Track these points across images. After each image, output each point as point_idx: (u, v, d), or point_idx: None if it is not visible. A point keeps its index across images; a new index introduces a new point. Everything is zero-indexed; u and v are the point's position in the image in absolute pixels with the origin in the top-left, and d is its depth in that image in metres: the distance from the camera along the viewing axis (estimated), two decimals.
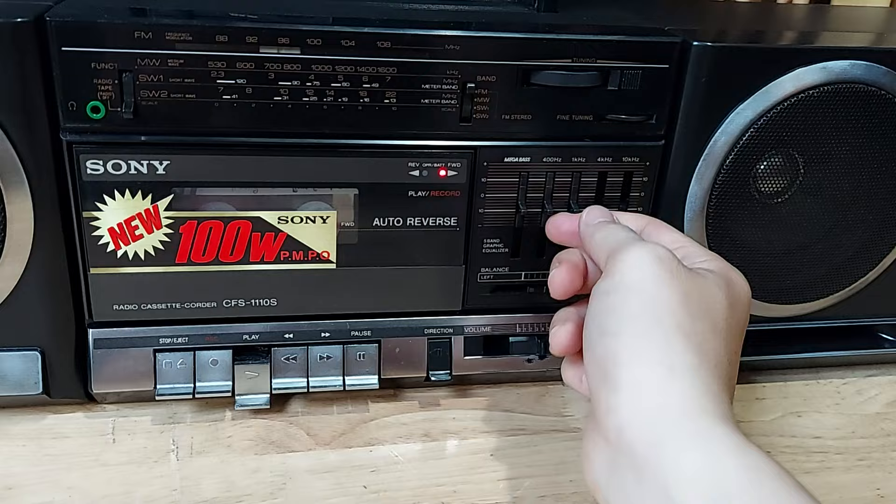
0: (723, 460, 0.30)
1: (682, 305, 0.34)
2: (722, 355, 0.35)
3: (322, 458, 0.45)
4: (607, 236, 0.40)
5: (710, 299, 0.36)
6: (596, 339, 0.35)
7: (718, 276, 0.38)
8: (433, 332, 0.50)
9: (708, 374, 0.33)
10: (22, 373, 0.45)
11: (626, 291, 0.35)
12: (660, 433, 0.31)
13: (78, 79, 0.40)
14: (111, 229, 0.43)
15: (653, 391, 0.32)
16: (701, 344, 0.34)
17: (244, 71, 0.41)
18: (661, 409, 0.32)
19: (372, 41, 0.42)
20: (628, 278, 0.36)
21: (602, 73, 0.45)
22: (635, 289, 0.35)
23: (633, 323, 0.34)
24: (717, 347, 0.35)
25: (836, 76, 0.47)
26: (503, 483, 0.45)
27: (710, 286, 0.36)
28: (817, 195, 0.50)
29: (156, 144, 0.42)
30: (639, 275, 0.35)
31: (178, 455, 0.45)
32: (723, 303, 0.36)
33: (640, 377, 0.33)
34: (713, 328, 0.35)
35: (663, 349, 0.33)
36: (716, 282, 0.37)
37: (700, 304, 0.35)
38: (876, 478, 0.47)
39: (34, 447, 0.45)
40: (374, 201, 0.46)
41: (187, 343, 0.46)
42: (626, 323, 0.34)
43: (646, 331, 0.34)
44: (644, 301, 0.35)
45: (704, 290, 0.36)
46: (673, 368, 0.33)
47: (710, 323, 0.35)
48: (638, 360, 0.33)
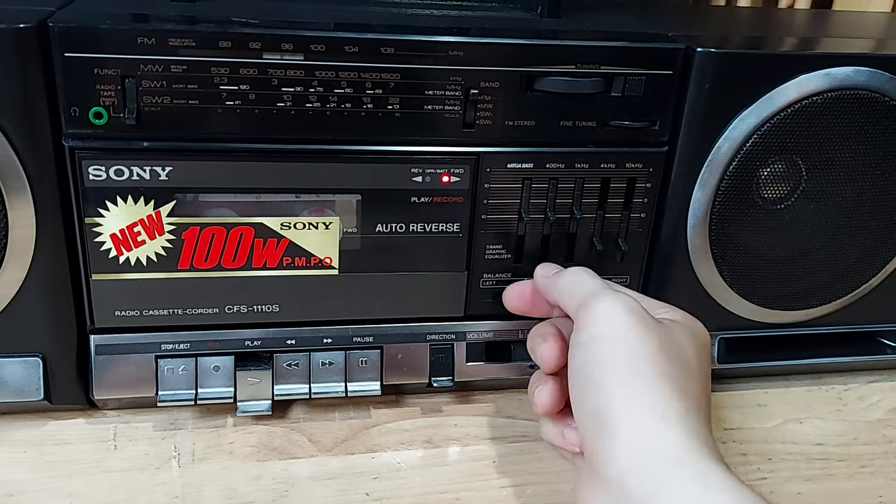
0: (717, 499, 0.31)
1: (661, 353, 0.36)
2: (700, 397, 0.37)
3: (324, 464, 0.45)
4: (574, 283, 0.41)
5: (681, 346, 0.38)
6: (585, 391, 0.36)
7: (681, 325, 0.40)
8: (435, 338, 0.50)
9: (695, 417, 0.35)
10: (23, 379, 0.45)
11: (605, 343, 0.37)
12: (658, 479, 0.32)
13: (80, 84, 0.40)
14: (113, 235, 0.43)
15: (649, 439, 0.33)
16: (684, 389, 0.35)
17: (247, 77, 0.41)
18: (659, 456, 0.33)
19: (375, 47, 0.42)
20: (604, 330, 0.37)
21: (606, 79, 0.45)
22: (615, 340, 0.36)
23: (618, 373, 0.35)
24: (696, 391, 0.36)
25: (839, 83, 0.47)
26: (506, 490, 0.44)
27: (678, 335, 0.38)
28: (820, 201, 0.50)
29: (158, 150, 0.42)
30: (613, 326, 0.37)
31: (180, 462, 0.45)
32: (691, 349, 0.38)
33: (635, 426, 0.34)
34: (689, 373, 0.37)
35: (652, 397, 0.34)
36: (681, 331, 0.39)
37: (674, 352, 0.37)
38: (878, 485, 0.47)
39: (35, 454, 0.44)
40: (377, 207, 0.46)
41: (189, 349, 0.46)
42: (611, 373, 0.36)
43: (632, 380, 0.35)
44: (624, 351, 0.36)
45: (675, 339, 0.38)
46: (665, 416, 0.34)
47: (686, 368, 0.37)
48: (630, 410, 0.34)
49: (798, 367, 0.56)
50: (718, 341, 0.53)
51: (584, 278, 0.41)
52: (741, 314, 0.52)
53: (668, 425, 0.34)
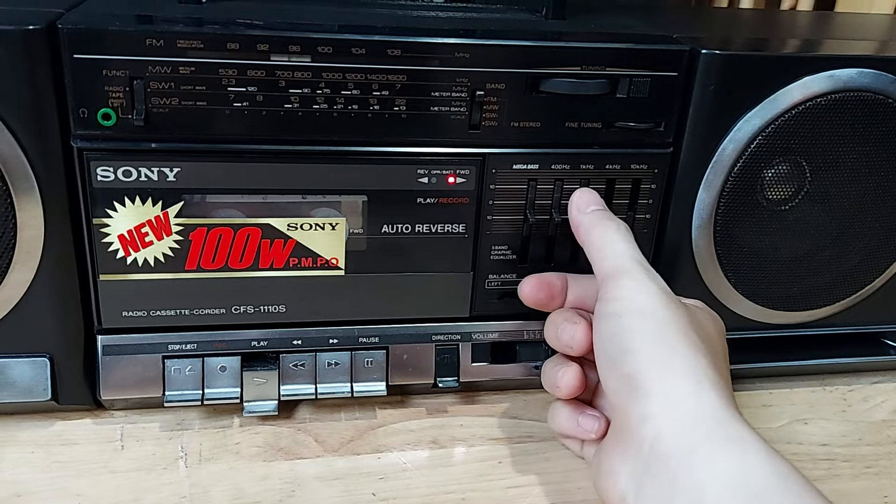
0: (754, 464, 0.31)
1: (690, 328, 0.37)
2: (726, 374, 0.39)
3: (330, 465, 0.45)
4: (608, 245, 0.42)
5: (706, 327, 0.40)
6: (619, 358, 0.37)
7: (703, 310, 0.42)
8: (441, 338, 0.50)
9: (725, 388, 0.35)
10: (31, 379, 0.45)
11: (639, 315, 0.38)
12: (695, 440, 0.33)
13: (89, 86, 0.40)
14: (121, 236, 0.43)
15: (686, 401, 0.34)
16: (714, 362, 0.36)
17: (255, 78, 0.41)
18: (696, 417, 0.34)
19: (382, 49, 0.42)
20: (639, 304, 0.38)
21: (611, 80, 0.45)
22: (648, 313, 0.38)
23: (655, 341, 0.37)
24: (722, 368, 0.38)
25: (843, 84, 0.47)
26: (512, 491, 0.45)
27: (702, 317, 0.41)
28: (824, 203, 0.50)
29: (166, 151, 0.42)
30: (648, 300, 0.38)
31: (187, 462, 0.45)
32: (715, 332, 0.41)
33: (672, 388, 0.35)
34: (714, 352, 0.39)
35: (688, 364, 0.35)
36: (703, 314, 0.42)
37: (702, 330, 0.39)
38: (883, 485, 0.47)
39: (43, 454, 0.45)
40: (383, 208, 0.46)
41: (196, 349, 0.46)
42: (647, 341, 0.37)
43: (668, 348, 0.36)
44: (659, 323, 0.37)
45: (700, 320, 0.40)
46: (700, 381, 0.35)
47: (712, 347, 0.39)
48: (667, 374, 0.35)
49: (802, 367, 0.56)
50: None
51: (618, 245, 0.41)
52: (746, 315, 0.52)
53: (704, 389, 0.34)
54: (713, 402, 0.34)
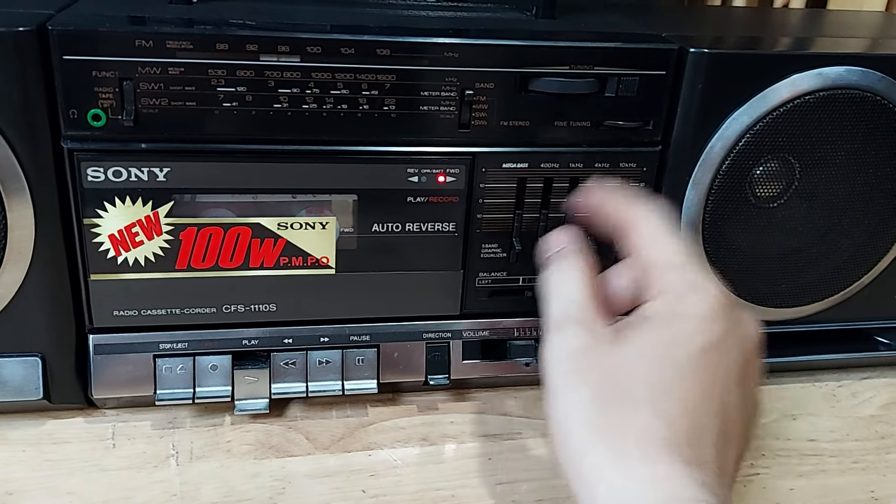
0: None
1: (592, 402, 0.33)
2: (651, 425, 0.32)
3: (321, 462, 0.46)
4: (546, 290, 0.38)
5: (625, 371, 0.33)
6: None
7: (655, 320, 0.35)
8: (432, 336, 0.50)
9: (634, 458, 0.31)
10: (22, 378, 0.45)
11: (550, 400, 0.35)
12: None
13: (79, 87, 0.40)
14: (111, 236, 0.43)
15: None
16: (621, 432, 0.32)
17: (244, 79, 0.41)
18: None
19: (371, 49, 0.42)
20: (548, 386, 0.35)
21: (600, 79, 0.45)
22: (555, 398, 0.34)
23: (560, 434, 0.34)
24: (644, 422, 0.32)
25: (831, 82, 0.47)
26: (501, 487, 0.45)
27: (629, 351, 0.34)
28: (813, 200, 0.50)
29: (156, 152, 0.42)
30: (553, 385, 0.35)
31: (178, 460, 0.45)
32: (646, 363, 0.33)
33: (580, 491, 0.32)
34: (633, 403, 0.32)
35: (586, 460, 0.32)
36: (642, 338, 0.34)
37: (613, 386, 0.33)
38: (871, 480, 0.47)
39: (34, 452, 0.45)
40: (373, 207, 0.46)
41: (187, 348, 0.47)
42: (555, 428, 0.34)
43: (572, 448, 0.33)
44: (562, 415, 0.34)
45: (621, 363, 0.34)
46: (600, 472, 0.31)
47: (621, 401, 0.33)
48: (575, 476, 0.33)
49: (792, 364, 0.56)
50: None
51: (549, 296, 0.38)
52: None
53: (598, 481, 0.31)
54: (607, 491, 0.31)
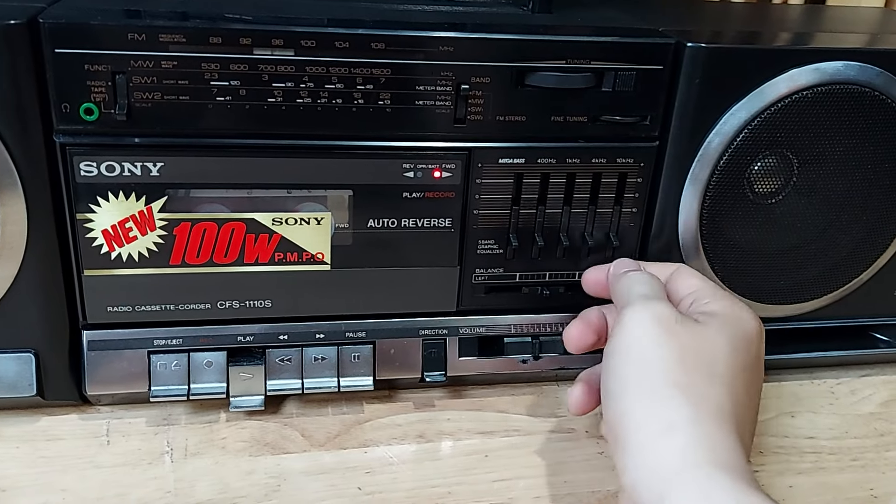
0: None
1: (679, 363, 0.36)
2: (724, 400, 0.36)
3: (317, 459, 0.45)
4: (623, 288, 0.42)
5: (708, 348, 0.37)
6: (605, 403, 0.38)
7: (722, 318, 0.39)
8: (428, 333, 0.50)
9: (707, 422, 0.35)
10: (16, 374, 0.45)
11: (625, 353, 0.37)
12: (661, 490, 0.33)
13: (71, 80, 0.40)
14: (105, 231, 0.43)
15: (653, 451, 0.34)
16: (702, 394, 0.35)
17: (238, 73, 0.41)
18: (661, 467, 0.33)
19: (366, 42, 0.42)
20: (627, 340, 0.38)
21: (596, 74, 0.45)
22: (633, 350, 0.37)
23: (631, 385, 0.36)
24: (716, 394, 0.36)
25: (829, 77, 0.47)
26: (498, 484, 0.45)
27: (710, 333, 0.38)
28: (811, 196, 0.50)
29: (149, 146, 0.42)
30: (636, 337, 0.37)
31: (173, 457, 0.45)
32: (724, 349, 0.37)
33: (642, 440, 0.35)
34: (710, 376, 0.36)
35: (659, 409, 0.35)
36: (717, 327, 0.38)
37: (697, 356, 0.37)
38: (869, 478, 0.47)
39: (28, 449, 0.45)
40: (369, 203, 0.46)
41: (182, 345, 0.46)
42: (626, 385, 0.37)
43: (641, 393, 0.36)
44: (637, 363, 0.37)
45: (703, 341, 0.37)
46: (672, 425, 0.34)
47: (708, 371, 0.36)
48: (637, 424, 0.35)
49: (790, 361, 0.56)
50: None
51: (634, 288, 0.41)
52: None
53: (673, 435, 0.34)
54: (683, 447, 0.34)
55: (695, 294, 0.42)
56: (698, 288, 0.42)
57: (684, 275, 0.44)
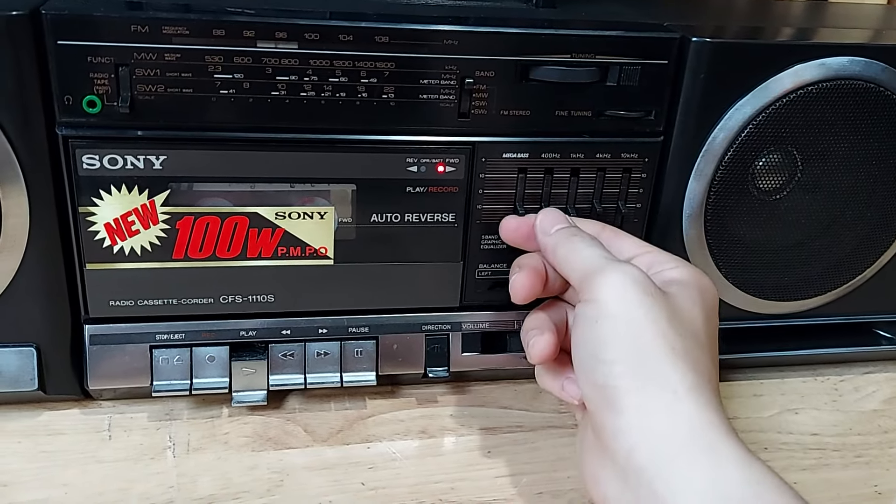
0: (728, 473, 0.31)
1: (670, 326, 0.35)
2: (710, 367, 0.36)
3: (319, 454, 0.45)
4: (574, 254, 0.40)
5: (688, 315, 0.37)
6: (592, 367, 0.36)
7: (689, 286, 0.39)
8: (431, 328, 0.50)
9: (706, 390, 0.34)
10: (18, 369, 0.45)
11: (613, 319, 0.36)
12: (669, 453, 0.32)
13: (74, 73, 0.40)
14: (107, 225, 0.43)
15: (660, 415, 0.33)
16: (694, 361, 0.35)
17: (241, 65, 0.41)
18: (671, 432, 0.33)
19: (370, 36, 0.42)
20: (612, 307, 0.36)
21: (601, 68, 0.45)
22: (622, 317, 0.36)
23: (628, 350, 0.35)
24: (705, 360, 0.36)
25: (834, 72, 0.47)
26: (500, 480, 0.45)
27: (686, 301, 0.38)
28: (815, 192, 0.50)
29: (152, 139, 0.42)
30: (621, 302, 0.36)
31: (175, 452, 0.45)
32: (699, 316, 0.38)
33: (646, 403, 0.34)
34: (697, 343, 0.36)
35: (663, 373, 0.34)
36: (689, 295, 0.38)
37: (683, 322, 0.36)
38: (874, 475, 0.47)
39: (30, 444, 0.44)
40: (372, 197, 0.45)
41: (184, 339, 0.46)
42: (620, 350, 0.35)
43: (643, 357, 0.35)
44: (633, 328, 0.35)
45: (682, 307, 0.37)
46: (676, 392, 0.34)
47: (695, 339, 0.36)
48: (639, 388, 0.34)
49: (794, 357, 0.56)
50: None
51: (585, 251, 0.40)
52: (737, 305, 0.52)
53: (678, 400, 0.33)
54: (690, 412, 0.33)
55: (647, 257, 0.41)
56: (648, 252, 0.41)
57: (620, 236, 0.43)
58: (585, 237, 0.41)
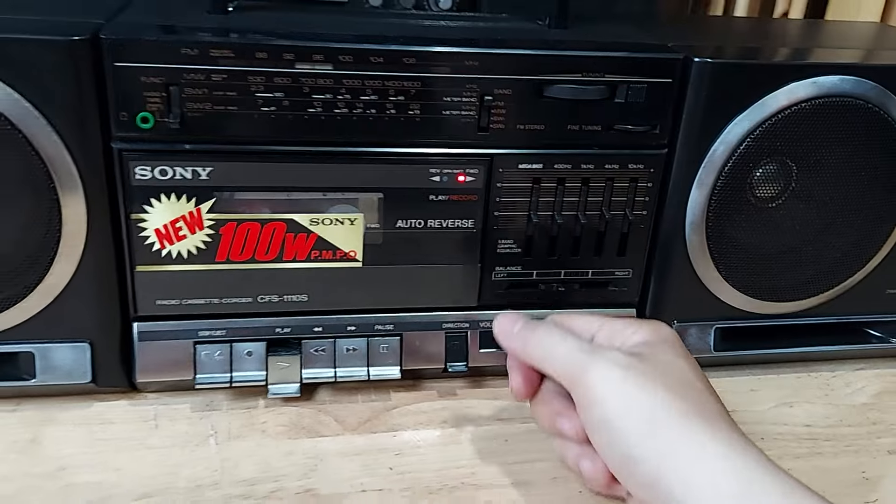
0: None
1: (672, 395, 0.36)
2: (721, 408, 0.37)
3: (350, 442, 0.49)
4: (549, 356, 0.40)
5: (675, 370, 0.38)
6: (626, 465, 0.36)
7: (657, 343, 0.39)
8: (451, 326, 0.53)
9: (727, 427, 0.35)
10: (73, 363, 0.48)
11: (622, 417, 0.36)
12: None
13: (129, 92, 0.43)
14: (157, 230, 0.47)
15: (705, 481, 0.34)
16: (714, 412, 0.36)
17: (281, 85, 0.45)
18: (724, 490, 0.33)
19: (398, 57, 0.46)
20: (614, 406, 0.36)
21: (610, 86, 0.48)
22: (632, 411, 0.36)
23: (653, 436, 0.35)
24: (717, 406, 0.37)
25: (826, 90, 0.50)
26: (517, 466, 0.48)
27: (664, 357, 0.38)
28: (809, 201, 0.53)
29: (200, 152, 0.45)
30: (621, 397, 0.36)
31: (217, 439, 0.48)
32: (683, 364, 0.38)
33: (689, 477, 0.34)
34: (699, 391, 0.37)
35: (697, 439, 0.35)
36: (662, 351, 0.39)
37: (677, 383, 0.37)
38: (862, 462, 0.50)
39: (83, 431, 0.48)
40: (398, 205, 0.49)
41: (225, 336, 0.50)
42: (645, 440, 0.35)
43: (669, 435, 0.35)
44: (645, 413, 0.36)
45: (668, 368, 0.38)
46: (718, 454, 0.34)
47: (693, 389, 0.37)
48: (682, 462, 0.34)
49: (789, 355, 0.59)
50: (714, 330, 0.57)
51: (558, 349, 0.39)
52: (736, 305, 0.56)
53: (729, 458, 0.34)
54: (743, 465, 0.34)
55: (606, 332, 0.41)
56: (602, 324, 0.42)
57: (570, 318, 0.43)
58: (548, 327, 0.41)
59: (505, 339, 0.43)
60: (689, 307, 0.55)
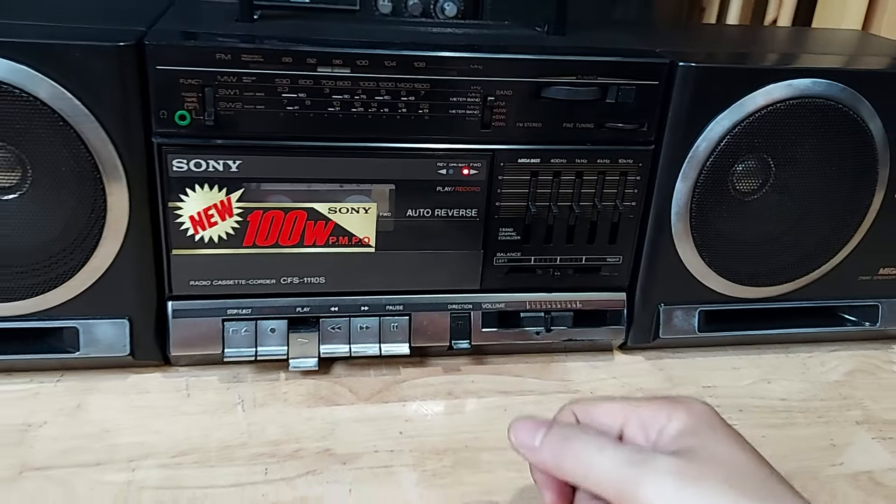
0: None
1: (735, 490, 0.32)
2: (780, 482, 0.34)
3: (363, 410, 0.54)
4: (589, 472, 0.35)
5: (724, 456, 0.34)
6: None
7: (698, 431, 0.35)
8: (455, 307, 0.58)
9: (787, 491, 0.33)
10: (113, 337, 0.53)
11: None
12: None
13: (169, 92, 0.48)
14: (191, 217, 0.52)
15: None
16: (777, 496, 0.33)
17: (304, 87, 0.49)
18: None
19: (409, 62, 0.50)
20: None
21: (602, 88, 0.53)
22: None
23: None
24: (772, 479, 0.33)
25: (800, 92, 0.54)
26: None
27: (716, 450, 0.34)
28: (785, 193, 0.58)
29: (231, 147, 0.50)
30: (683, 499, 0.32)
31: (244, 407, 0.53)
32: (735, 450, 0.34)
33: None
34: (759, 478, 0.33)
35: None
36: (710, 438, 0.35)
37: (737, 472, 0.33)
38: (831, 432, 0.55)
39: (124, 400, 0.53)
40: (408, 195, 0.54)
41: (251, 314, 0.55)
42: None
43: None
44: None
45: (721, 459, 0.34)
46: None
47: (754, 477, 0.33)
48: None
49: (768, 336, 0.64)
50: (698, 313, 0.61)
51: (599, 464, 0.34)
52: (718, 290, 0.60)
53: None
54: None
55: (637, 423, 0.37)
56: (631, 412, 0.37)
57: (595, 405, 0.39)
58: (580, 436, 0.36)
59: (529, 454, 0.38)
60: (675, 291, 0.60)
